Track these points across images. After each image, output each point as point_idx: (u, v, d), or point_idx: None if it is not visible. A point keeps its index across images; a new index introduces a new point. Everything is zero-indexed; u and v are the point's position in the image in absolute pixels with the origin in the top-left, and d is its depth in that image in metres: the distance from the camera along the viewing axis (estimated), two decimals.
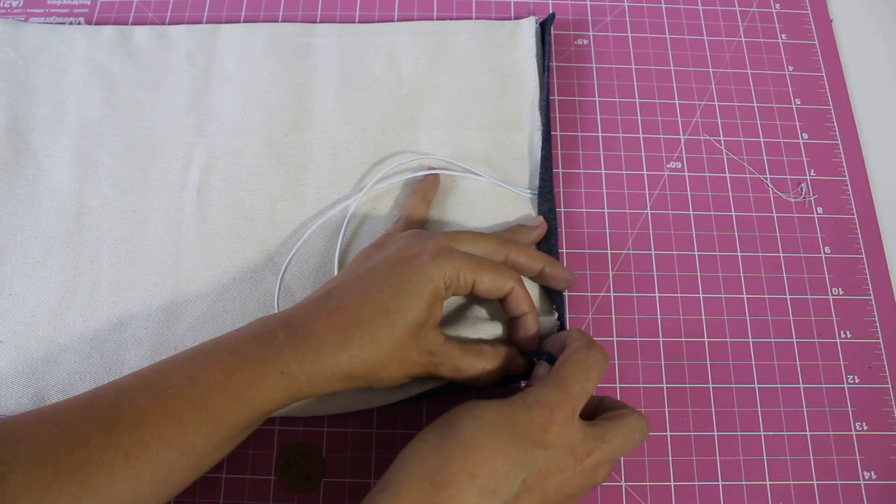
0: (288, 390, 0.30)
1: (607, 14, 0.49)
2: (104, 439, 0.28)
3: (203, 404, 0.29)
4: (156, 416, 0.29)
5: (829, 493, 0.37)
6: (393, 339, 0.31)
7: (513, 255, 0.36)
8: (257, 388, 0.30)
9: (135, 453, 0.28)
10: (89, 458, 0.27)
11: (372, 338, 0.31)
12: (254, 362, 0.30)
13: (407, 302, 0.31)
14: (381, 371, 0.32)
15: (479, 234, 0.36)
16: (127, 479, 0.28)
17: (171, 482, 0.30)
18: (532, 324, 0.36)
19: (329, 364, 0.30)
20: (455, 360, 0.33)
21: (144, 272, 0.40)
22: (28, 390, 0.37)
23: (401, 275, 0.32)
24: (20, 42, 0.46)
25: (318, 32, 0.47)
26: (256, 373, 0.30)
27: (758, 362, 0.40)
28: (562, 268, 0.38)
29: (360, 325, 0.31)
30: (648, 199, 0.44)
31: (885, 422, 0.39)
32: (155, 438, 0.28)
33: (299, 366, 0.30)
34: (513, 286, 0.34)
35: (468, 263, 0.33)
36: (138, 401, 0.29)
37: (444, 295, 0.33)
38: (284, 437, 0.38)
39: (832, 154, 0.45)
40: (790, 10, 0.50)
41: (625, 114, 0.46)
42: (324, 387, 0.31)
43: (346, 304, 0.32)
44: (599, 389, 0.39)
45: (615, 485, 0.37)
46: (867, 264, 0.42)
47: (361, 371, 0.31)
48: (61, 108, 0.44)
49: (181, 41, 0.46)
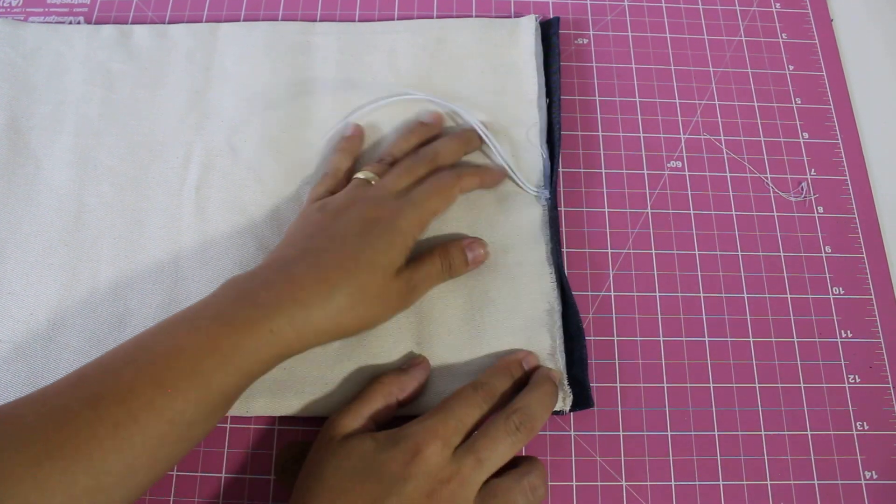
0: (277, 349, 0.31)
1: (607, 13, 0.49)
2: (92, 413, 0.28)
3: (192, 371, 0.29)
4: (143, 387, 0.29)
5: (829, 493, 0.37)
6: (377, 285, 0.34)
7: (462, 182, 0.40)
8: (246, 350, 0.30)
9: (124, 425, 0.28)
10: (78, 433, 0.27)
11: (359, 286, 0.33)
12: (240, 324, 0.31)
13: (382, 247, 0.34)
14: (369, 316, 0.34)
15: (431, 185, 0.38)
16: (117, 451, 0.28)
17: (164, 455, 0.30)
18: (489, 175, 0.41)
19: (320, 316, 0.32)
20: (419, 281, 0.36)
21: (143, 270, 0.40)
22: (27, 389, 0.37)
23: (373, 230, 0.35)
24: (20, 41, 0.46)
25: (318, 31, 0.46)
26: (244, 335, 0.30)
27: (758, 362, 0.40)
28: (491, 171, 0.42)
29: (347, 275, 0.33)
30: (649, 199, 0.44)
31: (886, 421, 0.39)
32: (143, 409, 0.28)
33: (289, 322, 0.31)
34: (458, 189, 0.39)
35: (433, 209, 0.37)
36: (125, 373, 0.29)
37: (414, 239, 0.36)
38: (284, 436, 0.38)
39: (833, 153, 0.45)
40: (790, 10, 0.50)
41: (625, 113, 0.46)
42: (313, 341, 0.32)
43: (327, 258, 0.33)
44: (600, 390, 0.39)
45: (615, 485, 0.37)
46: (868, 264, 0.42)
47: (351, 319, 0.33)
48: (61, 107, 0.44)
49: (181, 40, 0.46)
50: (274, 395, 0.37)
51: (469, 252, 0.39)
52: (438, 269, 0.38)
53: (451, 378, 0.37)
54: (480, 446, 0.32)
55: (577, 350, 0.38)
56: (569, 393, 0.37)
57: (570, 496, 0.37)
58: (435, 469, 0.30)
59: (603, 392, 0.39)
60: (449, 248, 0.38)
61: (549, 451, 0.38)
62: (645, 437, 0.38)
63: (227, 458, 0.37)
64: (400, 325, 0.39)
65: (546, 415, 0.34)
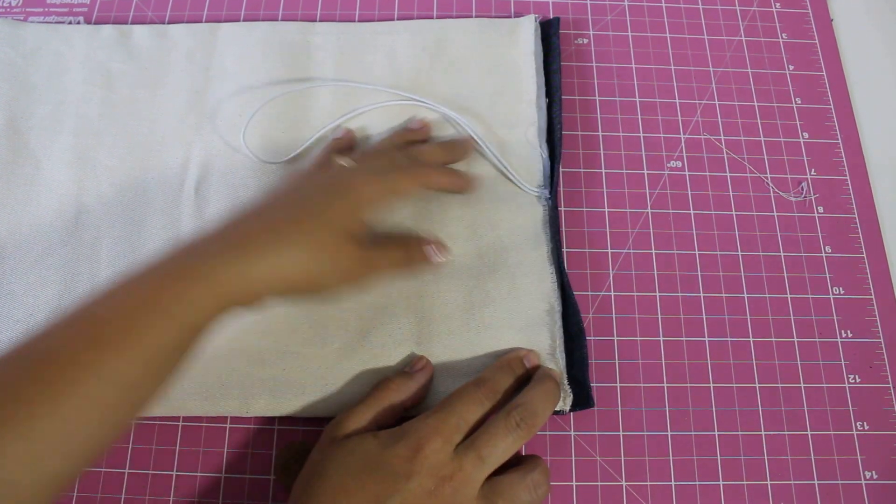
0: (220, 300, 0.30)
1: (607, 13, 0.49)
2: (28, 378, 0.26)
3: (129, 327, 0.28)
4: (80, 347, 0.27)
5: (830, 493, 0.37)
6: (328, 241, 0.32)
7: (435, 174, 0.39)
8: (187, 301, 0.29)
9: (59, 387, 0.26)
10: (14, 398, 0.26)
11: (308, 241, 0.31)
12: (180, 275, 0.29)
13: (340, 208, 0.33)
14: (318, 275, 0.32)
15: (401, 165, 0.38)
16: (52, 416, 0.26)
17: (105, 419, 0.28)
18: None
19: (265, 268, 0.30)
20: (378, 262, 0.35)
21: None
22: None
23: (333, 192, 0.34)
24: (19, 41, 0.46)
25: (318, 31, 0.46)
26: (185, 285, 0.29)
27: (758, 362, 0.40)
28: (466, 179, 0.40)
29: (298, 228, 0.32)
30: (649, 199, 0.44)
31: (887, 421, 0.39)
32: (80, 369, 0.27)
33: (231, 271, 0.30)
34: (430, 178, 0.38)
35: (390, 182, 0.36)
36: (62, 334, 0.28)
37: (373, 208, 0.35)
38: (284, 436, 0.38)
39: (833, 153, 0.45)
40: (790, 10, 0.50)
41: (625, 113, 0.46)
42: (258, 292, 0.31)
43: (281, 212, 0.33)
44: (600, 390, 0.39)
45: (616, 485, 0.37)
46: (868, 263, 0.42)
47: (298, 274, 0.31)
48: (60, 107, 0.44)
49: (180, 40, 0.46)
50: (274, 395, 0.37)
51: (433, 256, 0.38)
52: (401, 258, 0.37)
53: (452, 378, 0.37)
54: (482, 443, 0.32)
55: (578, 350, 0.38)
56: (569, 393, 0.37)
57: (570, 496, 0.37)
58: (437, 466, 0.30)
59: (603, 392, 0.39)
60: (410, 246, 0.38)
61: (549, 451, 0.38)
62: (645, 437, 0.38)
63: (227, 458, 0.37)
64: (400, 325, 0.39)
65: (548, 412, 0.34)
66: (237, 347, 0.38)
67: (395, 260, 0.37)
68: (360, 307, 0.39)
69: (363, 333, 0.38)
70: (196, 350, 0.31)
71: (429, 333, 0.38)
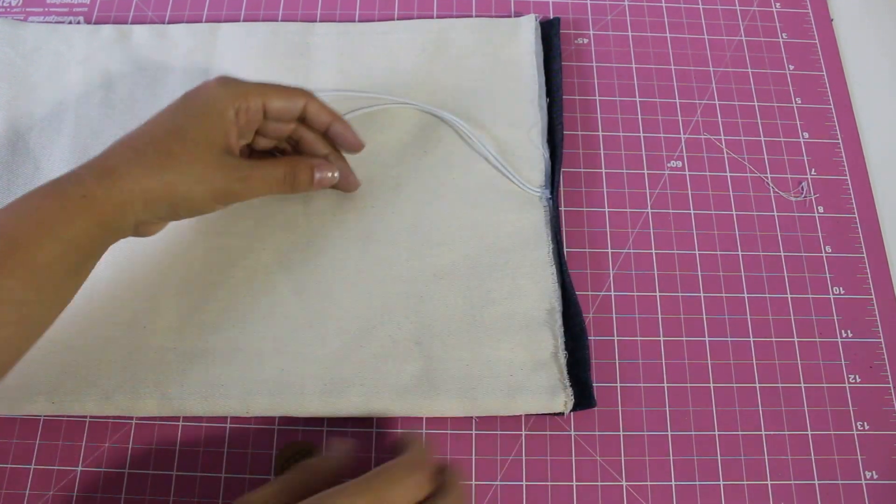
0: (93, 217, 0.31)
1: (607, 13, 0.49)
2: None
3: (13, 245, 0.29)
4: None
5: (830, 493, 0.37)
6: (186, 154, 0.33)
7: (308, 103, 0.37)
8: (62, 218, 0.30)
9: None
10: None
11: (165, 152, 0.32)
12: (57, 195, 0.31)
13: (196, 121, 0.34)
14: (182, 187, 0.33)
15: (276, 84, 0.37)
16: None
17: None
18: (342, 128, 0.38)
19: (128, 183, 0.32)
20: (254, 177, 0.35)
21: (143, 271, 0.40)
22: (29, 391, 0.37)
23: (189, 103, 0.34)
24: (19, 41, 0.46)
25: (318, 31, 0.46)
26: (61, 203, 0.31)
27: (759, 362, 0.40)
28: (352, 131, 0.39)
29: (153, 142, 0.33)
30: (649, 198, 0.44)
31: (887, 421, 0.39)
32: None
33: (100, 187, 0.31)
34: (305, 101, 0.37)
35: (255, 86, 0.35)
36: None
37: (235, 119, 0.35)
38: (284, 436, 0.38)
39: (833, 153, 0.45)
40: (790, 10, 0.50)
41: (625, 113, 0.46)
42: (128, 210, 0.32)
43: (140, 130, 0.34)
44: (600, 390, 0.39)
45: (615, 485, 0.37)
46: (868, 263, 0.42)
47: (160, 188, 0.32)
48: (60, 107, 0.44)
49: (180, 40, 0.46)
50: (274, 395, 0.37)
51: (317, 172, 0.37)
52: (280, 176, 0.36)
53: (452, 379, 0.37)
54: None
55: (580, 350, 0.38)
56: (570, 396, 0.37)
57: (570, 496, 0.37)
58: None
59: (603, 392, 0.39)
60: (297, 162, 0.37)
61: (549, 451, 0.38)
62: (645, 437, 0.38)
63: (227, 458, 0.37)
64: (400, 325, 0.38)
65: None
66: (237, 348, 0.38)
67: (275, 177, 0.36)
68: (360, 308, 0.39)
69: (363, 334, 0.38)
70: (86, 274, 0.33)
71: (429, 334, 0.38)
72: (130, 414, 0.37)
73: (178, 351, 0.38)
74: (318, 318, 0.39)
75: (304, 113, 0.37)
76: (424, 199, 0.42)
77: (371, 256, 0.40)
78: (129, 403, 0.36)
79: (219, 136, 0.34)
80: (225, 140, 0.34)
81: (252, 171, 0.35)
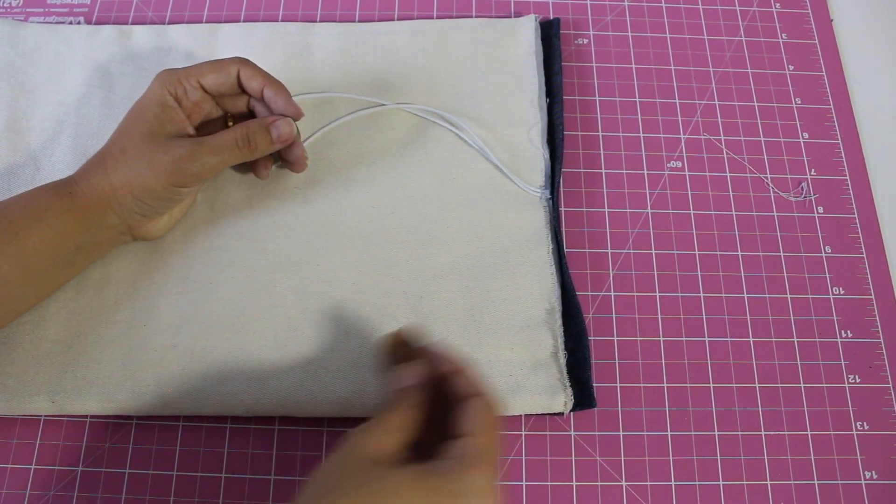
0: (77, 212, 0.35)
1: (607, 13, 0.49)
2: None
3: (7, 225, 0.33)
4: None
5: (830, 493, 0.37)
6: (134, 149, 0.36)
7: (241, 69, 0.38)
8: (53, 209, 0.34)
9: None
10: None
11: (120, 151, 0.36)
12: (51, 190, 0.35)
13: (139, 118, 0.36)
14: (137, 180, 0.35)
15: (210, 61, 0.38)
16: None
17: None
18: (274, 93, 0.38)
19: (100, 183, 0.35)
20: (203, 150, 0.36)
21: (143, 270, 0.40)
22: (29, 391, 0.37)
23: (136, 104, 0.37)
24: (19, 41, 0.45)
25: (318, 32, 0.46)
26: (54, 197, 0.35)
27: (758, 362, 0.40)
28: (285, 95, 0.38)
29: (111, 145, 0.37)
30: (649, 199, 0.44)
31: (886, 421, 0.39)
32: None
33: (79, 186, 0.35)
34: (237, 67, 0.38)
35: (187, 69, 0.37)
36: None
37: (177, 104, 0.37)
38: (284, 436, 0.38)
39: (833, 153, 0.45)
40: (790, 10, 0.50)
41: (625, 113, 0.46)
42: (105, 206, 0.35)
43: (109, 138, 0.37)
44: (600, 390, 0.39)
45: (615, 485, 0.37)
46: (868, 263, 0.42)
47: (122, 184, 0.35)
48: (60, 107, 0.44)
49: (180, 41, 0.46)
50: (274, 395, 0.37)
51: (273, 130, 0.37)
52: (232, 142, 0.36)
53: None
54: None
55: (580, 350, 0.38)
56: (570, 396, 0.37)
57: (570, 496, 0.37)
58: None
59: (603, 392, 0.39)
60: (250, 125, 0.37)
61: (549, 451, 0.38)
62: (645, 437, 0.38)
63: (227, 458, 0.37)
64: (400, 325, 0.38)
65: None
66: (237, 348, 0.38)
67: (230, 146, 0.37)
68: (360, 308, 0.39)
69: (363, 336, 0.38)
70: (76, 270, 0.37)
71: (429, 334, 0.38)
72: (130, 413, 0.37)
73: (178, 350, 0.38)
74: (318, 317, 0.39)
75: (241, 78, 0.38)
76: (424, 199, 0.42)
77: (371, 256, 0.40)
78: (129, 402, 0.36)
79: (162, 124, 0.36)
80: (171, 126, 0.36)
81: (199, 145, 0.36)
